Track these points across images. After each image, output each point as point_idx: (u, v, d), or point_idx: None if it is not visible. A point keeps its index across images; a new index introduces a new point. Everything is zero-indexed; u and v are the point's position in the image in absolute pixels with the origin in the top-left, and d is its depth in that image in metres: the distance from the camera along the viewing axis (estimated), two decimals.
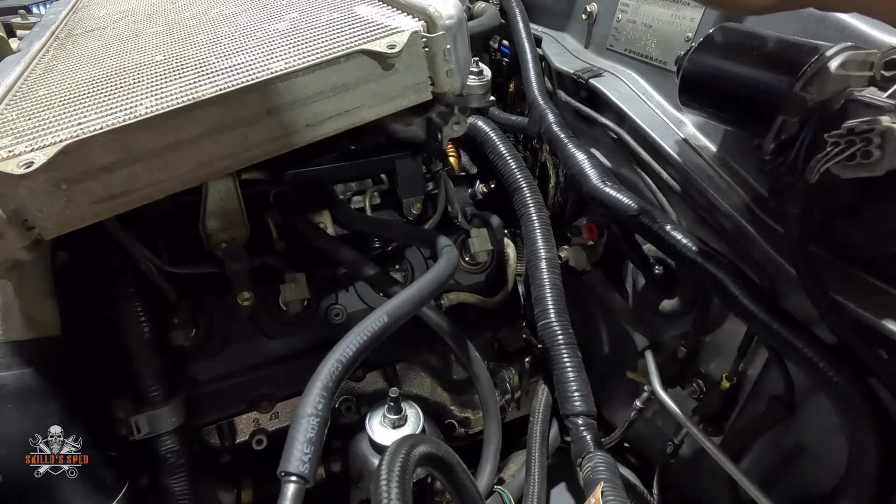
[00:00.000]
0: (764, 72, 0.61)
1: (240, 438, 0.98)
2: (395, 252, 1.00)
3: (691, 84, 0.70)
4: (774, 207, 0.69)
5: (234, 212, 0.79)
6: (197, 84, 0.59)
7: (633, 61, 0.96)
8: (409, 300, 0.69)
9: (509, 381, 1.15)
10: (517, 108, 1.31)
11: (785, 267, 0.67)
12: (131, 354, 0.76)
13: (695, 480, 0.97)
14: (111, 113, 0.57)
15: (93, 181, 0.55)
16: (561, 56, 1.08)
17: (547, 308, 0.85)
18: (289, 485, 0.47)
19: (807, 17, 0.67)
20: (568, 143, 0.95)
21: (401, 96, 0.67)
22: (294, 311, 0.88)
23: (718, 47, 0.67)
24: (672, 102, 0.88)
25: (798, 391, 0.73)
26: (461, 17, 0.69)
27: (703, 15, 0.81)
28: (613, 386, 1.14)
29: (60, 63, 0.75)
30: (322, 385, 0.54)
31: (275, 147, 0.63)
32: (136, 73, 0.65)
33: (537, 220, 0.94)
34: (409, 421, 0.84)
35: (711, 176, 0.77)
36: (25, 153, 0.53)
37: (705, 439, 0.78)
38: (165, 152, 0.58)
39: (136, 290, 0.76)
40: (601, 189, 0.86)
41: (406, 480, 0.51)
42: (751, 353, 0.80)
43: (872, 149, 0.47)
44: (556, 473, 0.95)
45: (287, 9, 0.78)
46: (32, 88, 0.68)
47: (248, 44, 0.68)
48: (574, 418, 0.77)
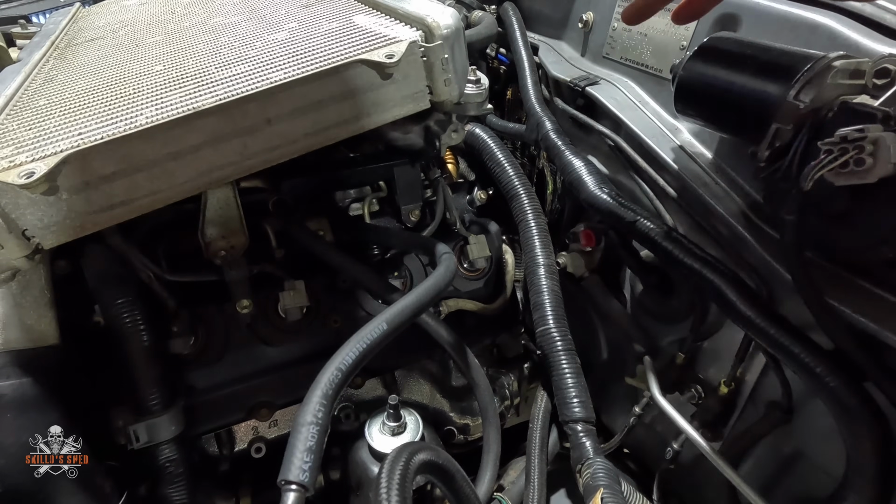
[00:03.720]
0: (758, 80, 0.62)
1: (238, 446, 0.98)
2: (394, 259, 1.00)
3: (686, 92, 0.71)
4: (770, 214, 0.70)
5: (234, 220, 0.80)
6: (196, 94, 0.60)
7: (629, 69, 0.97)
8: (408, 308, 0.69)
9: (508, 388, 1.15)
10: (514, 116, 1.32)
11: (781, 272, 0.67)
12: (130, 363, 0.76)
13: (694, 486, 0.97)
14: (111, 123, 0.57)
15: (93, 191, 0.56)
16: (557, 64, 1.09)
17: (545, 314, 0.85)
18: (289, 493, 0.47)
19: (800, 26, 0.68)
20: (565, 150, 0.96)
21: (399, 105, 0.67)
22: (293, 318, 0.88)
23: (713, 56, 0.68)
24: (668, 110, 0.89)
25: (796, 396, 0.74)
26: (458, 26, 0.70)
27: (698, 24, 0.82)
28: (612, 392, 1.14)
29: (60, 73, 0.76)
30: (322, 393, 0.54)
31: (274, 156, 0.63)
32: (135, 82, 0.66)
33: (535, 226, 0.94)
34: (408, 428, 0.84)
35: (707, 182, 0.78)
36: (26, 163, 0.53)
37: (704, 445, 0.78)
38: (165, 162, 0.58)
39: (135, 299, 0.76)
40: (598, 196, 0.87)
41: (406, 489, 0.52)
42: (748, 358, 0.80)
43: (865, 156, 0.48)
44: (555, 480, 0.95)
45: (286, 19, 0.79)
46: (33, 98, 0.68)
47: (247, 54, 0.69)
48: (573, 424, 0.77)
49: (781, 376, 0.73)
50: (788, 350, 0.62)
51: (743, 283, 0.70)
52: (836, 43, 0.64)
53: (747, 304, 0.67)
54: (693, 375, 0.92)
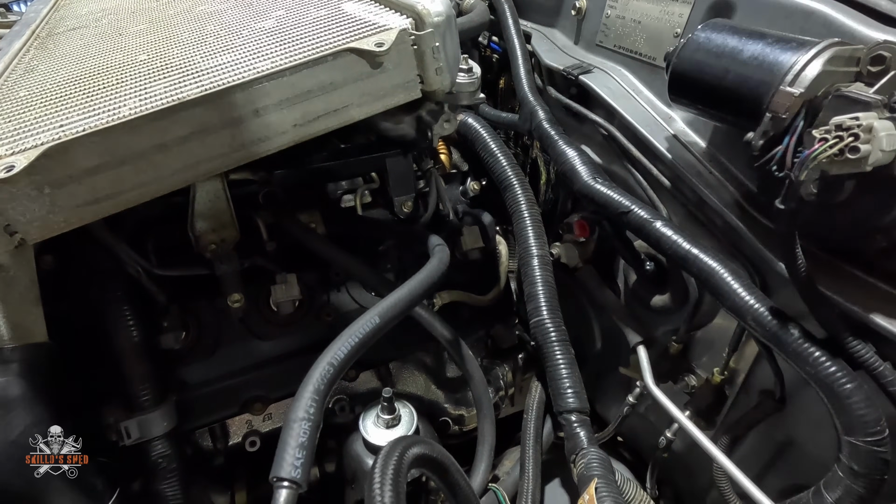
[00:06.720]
0: (752, 68, 0.61)
1: (233, 440, 0.98)
2: (387, 251, 1.00)
3: (680, 80, 0.70)
4: (764, 203, 0.70)
5: (223, 213, 0.78)
6: (182, 84, 0.59)
7: (623, 57, 0.96)
8: (401, 300, 0.69)
9: (503, 378, 1.15)
10: (507, 105, 1.31)
11: (774, 262, 0.67)
12: (120, 359, 0.75)
13: (688, 474, 0.98)
14: (94, 114, 0.56)
15: (77, 184, 0.54)
16: (551, 52, 1.08)
17: (539, 305, 0.85)
18: (281, 490, 0.47)
19: (794, 13, 0.67)
20: (558, 139, 0.95)
21: (390, 95, 0.66)
22: (285, 312, 0.87)
23: (707, 43, 0.67)
24: (662, 98, 0.89)
25: (788, 385, 0.74)
26: (450, 13, 0.69)
27: (692, 11, 0.82)
28: (606, 382, 1.14)
29: (42, 63, 0.74)
30: (313, 389, 0.54)
31: (263, 148, 0.62)
32: (119, 72, 0.64)
33: (529, 217, 0.94)
34: (402, 420, 0.83)
35: (701, 172, 0.78)
36: (6, 156, 0.52)
37: (698, 433, 0.78)
38: (151, 154, 0.57)
39: (124, 294, 0.75)
40: (592, 186, 0.86)
41: (399, 483, 0.51)
42: (741, 347, 0.81)
43: (859, 144, 0.47)
44: (550, 470, 0.95)
45: (273, 6, 0.77)
46: (13, 89, 0.66)
47: (233, 42, 0.67)
48: (567, 415, 0.77)
49: (774, 365, 0.73)
50: (781, 339, 0.62)
51: (736, 273, 0.70)
52: (831, 30, 0.63)
53: (741, 293, 0.66)
54: (686, 365, 0.92)
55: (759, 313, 0.64)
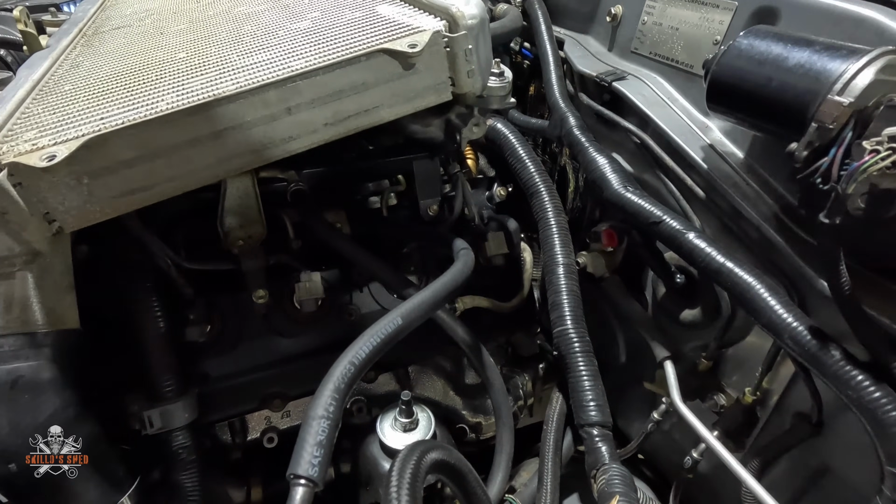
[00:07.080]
0: (798, 76, 0.59)
1: (251, 436, 0.98)
2: (411, 254, 0.99)
3: (720, 88, 0.68)
4: (805, 217, 0.67)
5: (252, 209, 0.79)
6: (218, 81, 0.60)
7: (659, 64, 0.94)
8: (423, 303, 0.68)
9: (522, 388, 1.13)
10: (537, 112, 1.30)
11: (815, 278, 0.64)
12: (146, 349, 0.76)
13: (713, 497, 0.94)
14: (133, 108, 0.57)
15: (113, 175, 0.56)
16: (583, 58, 1.06)
17: (563, 314, 0.83)
18: (297, 487, 0.47)
19: (844, 20, 0.65)
20: (589, 147, 0.93)
21: (421, 96, 0.66)
22: (308, 310, 0.87)
23: (749, 50, 0.65)
24: (698, 107, 0.86)
25: (826, 409, 0.70)
26: (483, 16, 0.68)
27: (734, 17, 0.79)
28: (629, 396, 1.11)
29: (86, 59, 0.76)
30: (334, 387, 0.53)
31: (294, 146, 0.63)
32: (158, 69, 0.66)
33: (555, 224, 0.92)
34: (420, 425, 0.83)
35: (738, 183, 0.75)
36: (48, 146, 0.53)
37: (727, 455, 0.75)
38: (185, 148, 0.58)
39: (152, 286, 0.77)
40: (622, 194, 0.84)
41: (417, 488, 0.50)
42: (776, 367, 0.77)
43: None
44: (568, 484, 0.93)
45: (309, 8, 0.78)
46: (58, 83, 0.69)
47: (269, 42, 0.68)
48: (589, 428, 0.75)
49: (812, 387, 0.70)
50: (821, 360, 0.59)
51: (774, 288, 0.67)
52: (884, 37, 0.60)
53: (778, 309, 0.64)
54: (715, 383, 0.89)
55: (797, 332, 0.61)
